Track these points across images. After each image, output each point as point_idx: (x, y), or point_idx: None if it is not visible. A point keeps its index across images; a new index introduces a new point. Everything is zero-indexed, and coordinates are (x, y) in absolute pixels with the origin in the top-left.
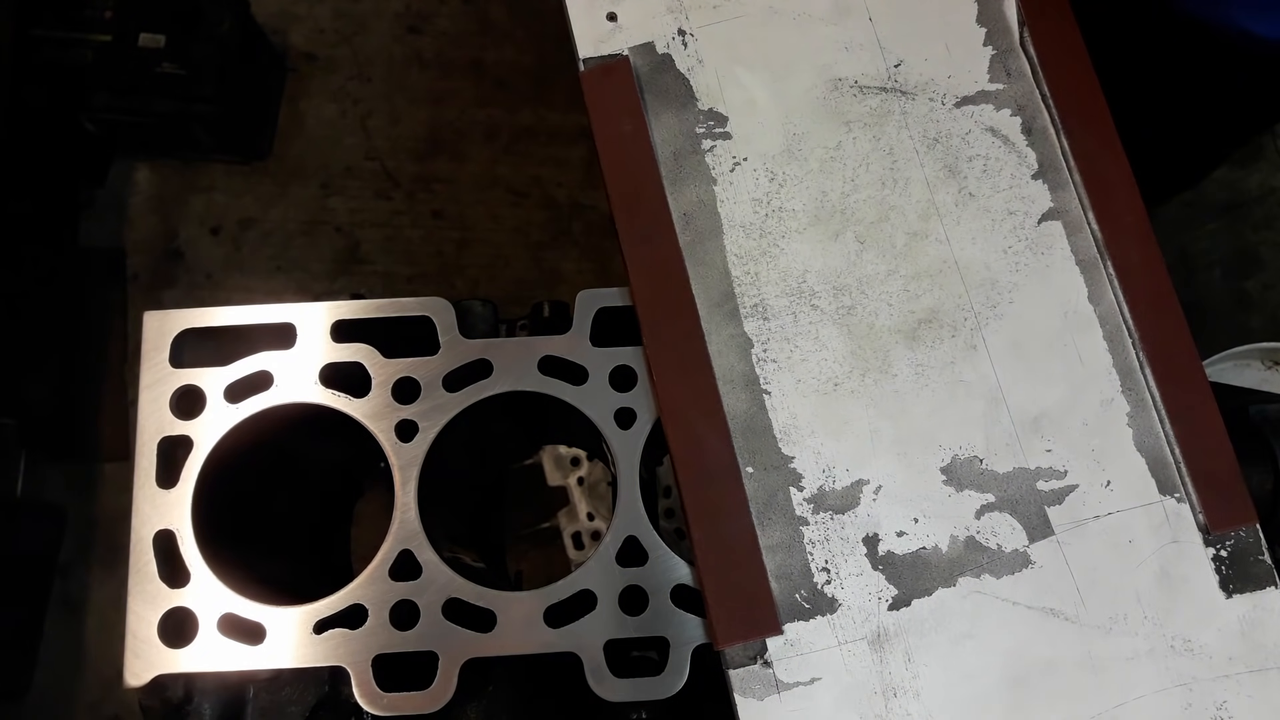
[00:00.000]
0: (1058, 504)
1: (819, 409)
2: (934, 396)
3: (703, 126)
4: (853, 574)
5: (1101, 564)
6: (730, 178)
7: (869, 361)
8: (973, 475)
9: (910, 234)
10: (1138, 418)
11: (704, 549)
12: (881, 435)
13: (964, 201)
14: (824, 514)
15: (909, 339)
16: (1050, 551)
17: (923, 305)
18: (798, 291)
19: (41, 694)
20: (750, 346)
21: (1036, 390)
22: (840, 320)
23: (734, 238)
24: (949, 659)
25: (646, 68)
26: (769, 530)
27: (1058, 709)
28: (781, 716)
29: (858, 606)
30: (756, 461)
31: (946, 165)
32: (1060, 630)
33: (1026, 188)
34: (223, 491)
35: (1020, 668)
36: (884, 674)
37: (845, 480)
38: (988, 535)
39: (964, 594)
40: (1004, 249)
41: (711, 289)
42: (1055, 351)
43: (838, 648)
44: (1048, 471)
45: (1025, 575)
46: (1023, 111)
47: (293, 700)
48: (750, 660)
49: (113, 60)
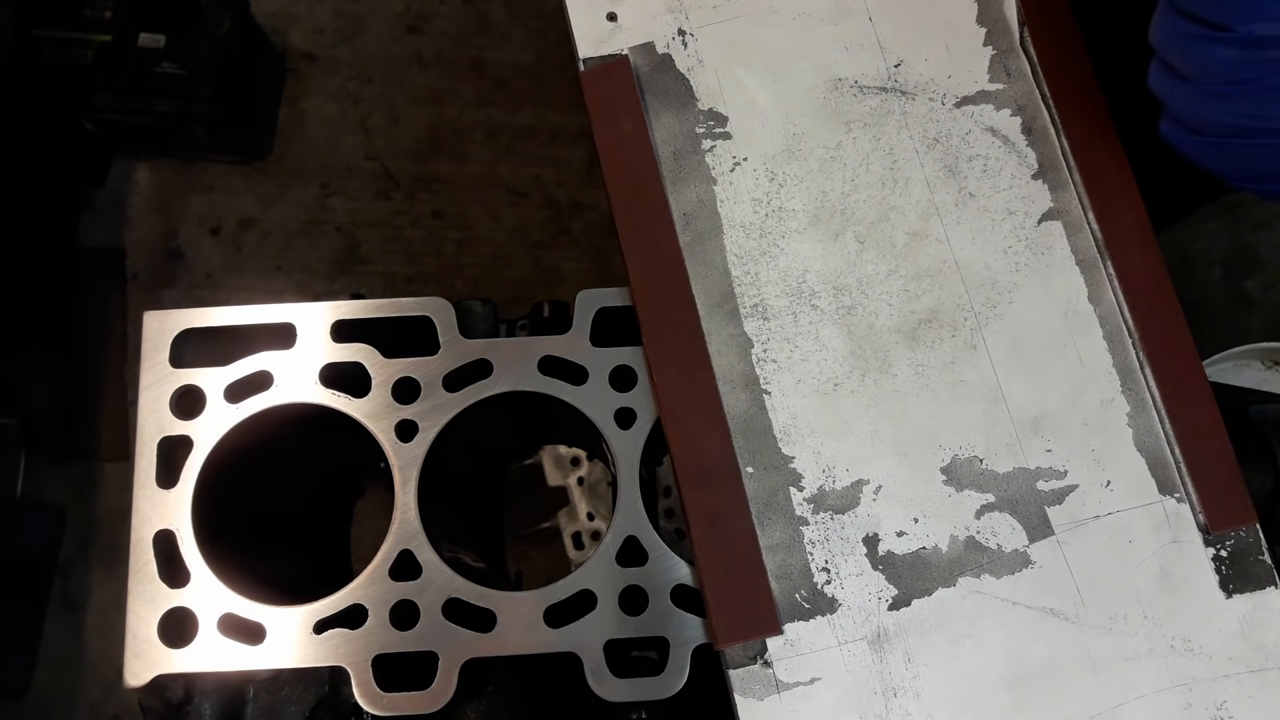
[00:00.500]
0: (1058, 504)
1: (819, 409)
2: (934, 396)
3: (703, 126)
4: (853, 574)
5: (1101, 564)
6: (730, 178)
7: (869, 361)
8: (973, 475)
9: (910, 234)
10: (1138, 418)
11: (704, 549)
12: (881, 435)
13: (964, 201)
14: (824, 514)
15: (909, 339)
16: (1050, 551)
17: (923, 305)
18: (798, 291)
19: (41, 694)
20: (750, 346)
21: (1036, 390)
22: (840, 320)
23: (734, 237)
24: (949, 659)
25: (646, 68)
26: (769, 530)
27: (1057, 709)
28: (781, 716)
29: (858, 606)
30: (756, 461)
31: (946, 165)
32: (1060, 630)
33: (1026, 188)
34: (223, 491)
35: (1020, 668)
36: (884, 674)
37: (845, 480)
38: (988, 535)
39: (964, 594)
40: (1004, 249)
41: (711, 289)
42: (1055, 351)
43: (838, 648)
44: (1048, 471)
45: (1025, 575)
46: (1023, 111)
47: (293, 700)
48: (750, 660)
49: (113, 60)
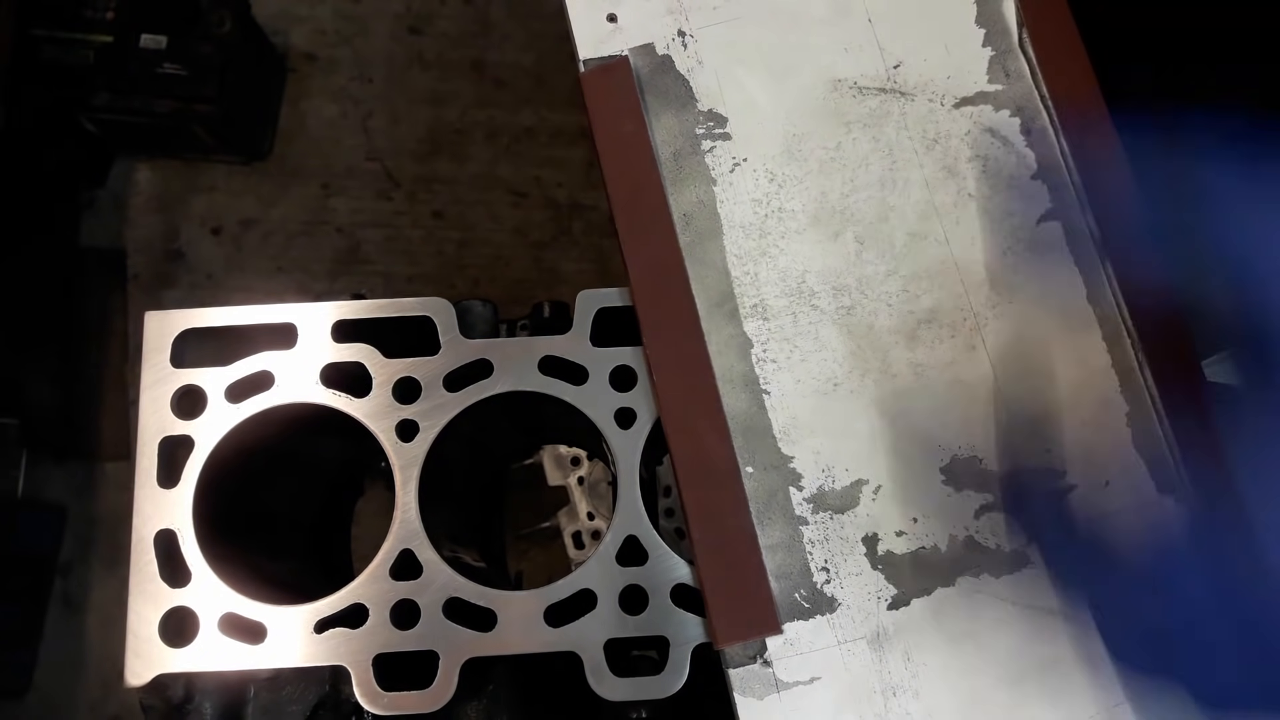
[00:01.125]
0: (1058, 503)
1: (819, 409)
2: (934, 397)
3: (703, 127)
4: (852, 573)
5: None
6: (730, 178)
7: (869, 362)
8: (972, 475)
9: (910, 234)
10: (1136, 418)
11: (704, 549)
12: (881, 435)
13: (963, 202)
14: (824, 514)
15: (909, 339)
16: (1048, 552)
17: (922, 306)
18: (797, 292)
19: (41, 694)
20: (750, 346)
21: (1035, 390)
22: (840, 320)
23: (734, 238)
24: (948, 658)
25: (646, 69)
26: (769, 530)
27: (1058, 708)
28: (781, 715)
29: (857, 606)
30: (756, 461)
31: (946, 166)
32: (1060, 630)
33: (1026, 188)
34: (224, 491)
35: (1020, 667)
36: (883, 673)
37: (845, 480)
38: (987, 535)
39: (963, 593)
40: (1003, 250)
41: (711, 289)
42: (1054, 352)
43: (837, 647)
44: (1046, 471)
45: (1025, 575)
46: (1021, 112)
47: (293, 699)
48: (750, 660)
49: (113, 60)
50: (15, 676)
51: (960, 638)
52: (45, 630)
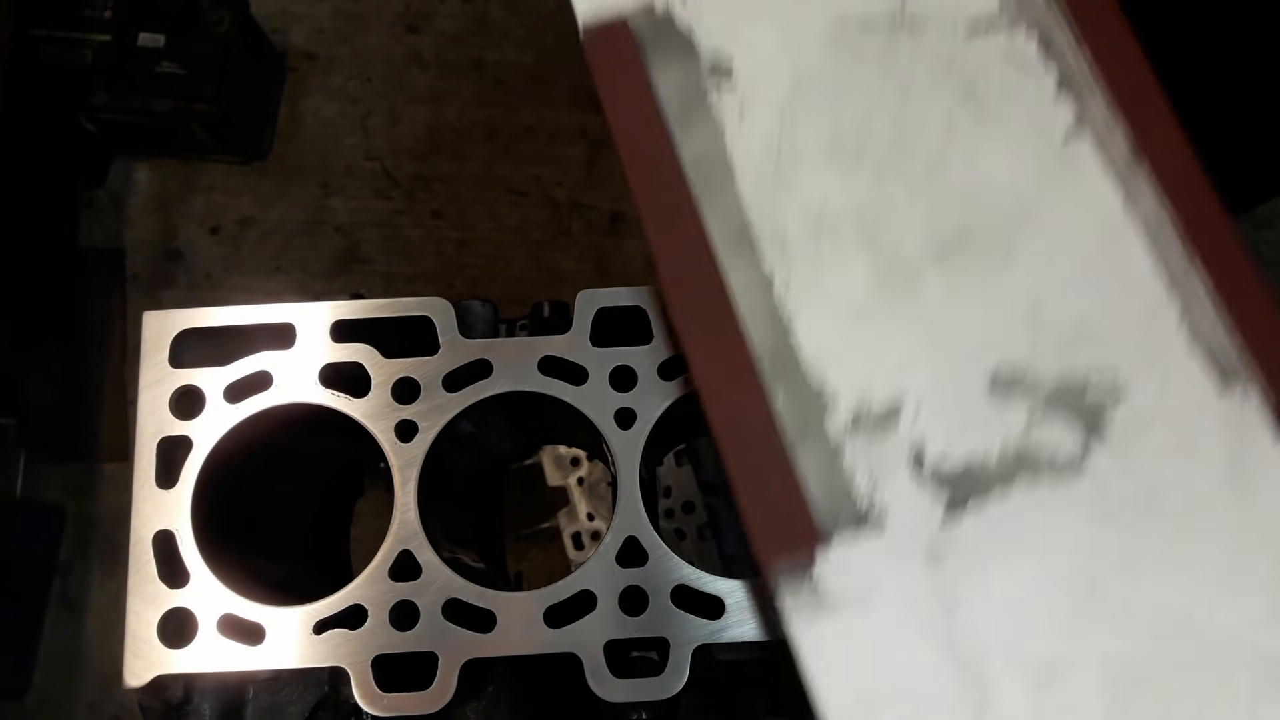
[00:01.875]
0: (1112, 408)
1: (851, 336)
2: (969, 314)
3: (708, 79)
4: (899, 493)
5: (1161, 466)
6: (740, 125)
7: (898, 287)
8: (1018, 386)
9: (930, 159)
10: (1190, 312)
11: (739, 472)
12: (918, 355)
13: (985, 121)
14: (863, 436)
15: (938, 261)
16: (1106, 458)
17: (949, 228)
18: (817, 225)
19: (41, 694)
20: (771, 282)
21: (1078, 298)
22: (865, 248)
23: (747, 180)
24: (1005, 573)
25: (647, 27)
26: (806, 456)
27: (1129, 612)
28: (841, 638)
29: (908, 525)
30: (789, 389)
31: (963, 90)
32: (1121, 534)
33: (1049, 103)
34: (222, 492)
35: (1083, 575)
36: (941, 590)
37: (884, 402)
38: (1038, 446)
39: (1018, 507)
40: (1031, 165)
41: (727, 229)
42: (1095, 259)
43: (889, 568)
44: (1098, 376)
45: (1081, 484)
46: (1038, 27)
47: (292, 700)
48: (799, 585)
49: (112, 60)
50: (15, 677)
51: (1017, 552)
52: (45, 630)
